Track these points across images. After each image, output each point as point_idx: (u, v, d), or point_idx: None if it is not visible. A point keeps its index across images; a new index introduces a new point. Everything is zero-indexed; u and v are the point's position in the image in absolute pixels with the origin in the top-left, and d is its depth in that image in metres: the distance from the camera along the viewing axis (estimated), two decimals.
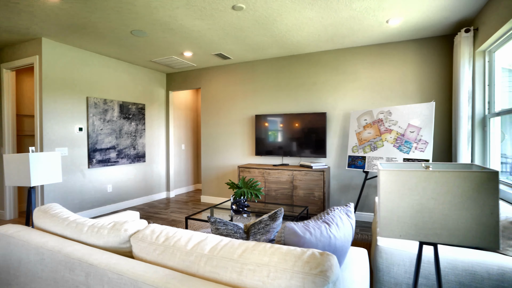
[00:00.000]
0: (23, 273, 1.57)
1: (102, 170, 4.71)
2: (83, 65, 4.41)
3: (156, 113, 5.81)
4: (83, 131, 4.41)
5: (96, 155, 4.59)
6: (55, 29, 3.57)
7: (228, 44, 4.16)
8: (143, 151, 5.45)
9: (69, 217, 1.67)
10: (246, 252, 1.12)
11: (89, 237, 1.49)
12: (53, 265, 1.42)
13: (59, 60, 4.09)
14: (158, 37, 3.86)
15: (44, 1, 2.83)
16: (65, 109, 4.17)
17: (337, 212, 1.47)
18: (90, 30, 3.60)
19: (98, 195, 4.66)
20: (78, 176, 4.35)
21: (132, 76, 5.25)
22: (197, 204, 5.37)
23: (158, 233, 1.37)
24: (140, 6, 2.96)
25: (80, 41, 4.00)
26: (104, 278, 1.21)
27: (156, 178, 5.79)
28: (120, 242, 1.42)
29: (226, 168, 5.37)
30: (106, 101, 4.74)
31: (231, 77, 5.29)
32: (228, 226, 1.50)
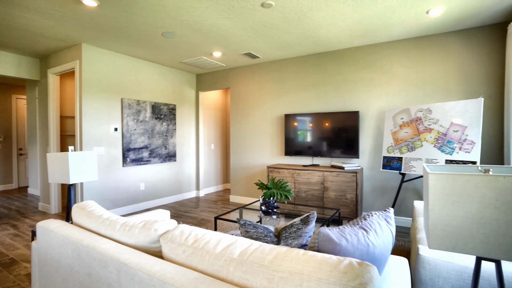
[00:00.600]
0: (62, 266, 1.63)
1: (135, 169, 4.89)
2: (118, 67, 4.60)
3: (187, 113, 5.92)
4: (118, 131, 4.61)
5: (130, 154, 4.77)
6: (93, 34, 3.75)
7: (256, 43, 4.12)
8: (174, 150, 5.58)
9: (103, 214, 1.71)
10: (277, 258, 1.06)
11: (121, 235, 1.51)
12: (88, 261, 1.45)
13: (97, 64, 4.30)
14: (188, 38, 3.92)
15: (83, 8, 2.98)
16: (102, 110, 4.37)
17: (376, 218, 1.36)
18: (124, 34, 3.73)
19: (132, 192, 4.84)
20: (114, 174, 4.55)
21: (163, 77, 5.40)
22: (226, 204, 5.39)
23: (187, 234, 1.35)
24: (170, 8, 3.00)
25: (115, 45, 4.17)
26: (135, 277, 1.21)
27: (186, 177, 5.90)
28: (150, 241, 1.42)
29: (255, 168, 5.34)
30: (139, 102, 4.91)
31: (260, 76, 5.25)
32: (258, 229, 1.45)
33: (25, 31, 3.66)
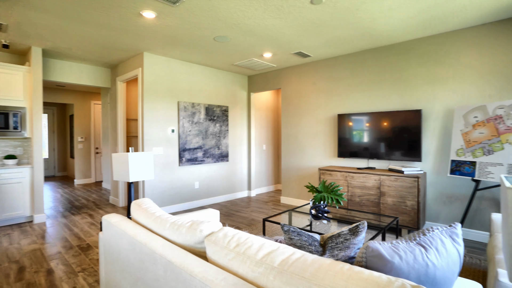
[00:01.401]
0: (121, 257, 1.78)
1: (190, 168, 5.16)
2: (174, 73, 4.91)
3: (239, 115, 6.05)
4: (174, 132, 4.92)
5: (185, 154, 5.06)
6: (152, 43, 4.06)
7: (307, 41, 4.01)
8: (227, 151, 5.75)
9: (155, 212, 1.82)
10: (319, 271, 0.99)
11: (170, 234, 1.58)
12: (141, 256, 1.56)
13: (156, 70, 4.65)
14: (239, 41, 3.99)
15: (143, 20, 3.24)
16: (160, 113, 4.72)
17: (437, 234, 1.19)
18: (179, 40, 3.96)
19: (187, 190, 5.12)
20: (171, 172, 4.87)
21: (216, 80, 5.60)
22: (277, 205, 5.37)
23: (230, 237, 1.35)
24: (221, 13, 3.08)
25: (171, 51, 4.46)
26: (179, 276, 1.25)
27: (238, 177, 6.04)
28: (196, 242, 1.46)
29: (306, 170, 5.22)
30: (194, 105, 5.17)
31: (312, 75, 5.10)
32: (302, 236, 1.39)
33: (98, 46, 4.13)
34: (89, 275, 2.60)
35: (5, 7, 2.95)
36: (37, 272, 2.68)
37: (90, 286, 2.42)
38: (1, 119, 4.14)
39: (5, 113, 4.16)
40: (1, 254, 3.09)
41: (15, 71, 4.24)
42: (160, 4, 2.87)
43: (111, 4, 2.87)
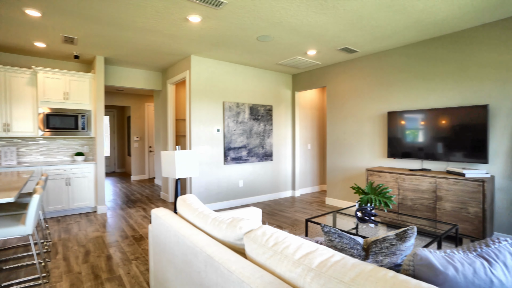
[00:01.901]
0: (167, 249, 1.89)
1: (235, 167, 5.28)
2: (219, 74, 5.06)
3: (283, 114, 6.02)
4: (220, 131, 5.07)
5: (230, 153, 5.18)
6: (199, 46, 4.23)
7: (353, 36, 3.82)
8: (271, 150, 5.76)
9: (198, 208, 1.90)
10: (360, 276, 0.93)
11: (211, 229, 1.63)
12: (184, 249, 1.63)
13: (202, 72, 4.84)
14: (282, 40, 3.96)
15: (190, 24, 3.39)
16: (207, 113, 4.90)
17: (506, 246, 1.04)
18: (223, 42, 4.06)
19: (231, 189, 5.24)
20: (216, 171, 5.03)
21: (260, 80, 5.64)
22: (321, 206, 5.23)
23: (268, 235, 1.34)
24: (264, 12, 3.09)
25: (216, 53, 4.60)
26: (218, 271, 1.28)
27: (282, 176, 6.01)
28: (236, 238, 1.48)
29: (353, 170, 4.99)
30: (238, 104, 5.27)
31: (359, 72, 4.86)
32: (343, 239, 1.32)
33: (151, 51, 4.44)
34: (141, 264, 2.81)
35: (76, 23, 3.32)
36: (99, 256, 2.98)
37: (141, 273, 2.61)
38: (72, 120, 4.68)
39: (75, 115, 4.70)
40: (73, 238, 3.50)
41: (83, 78, 4.76)
42: (205, 7, 2.98)
43: (162, 11, 3.06)
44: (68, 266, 2.76)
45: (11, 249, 3.17)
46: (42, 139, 4.86)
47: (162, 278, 1.98)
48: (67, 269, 2.70)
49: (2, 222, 2.07)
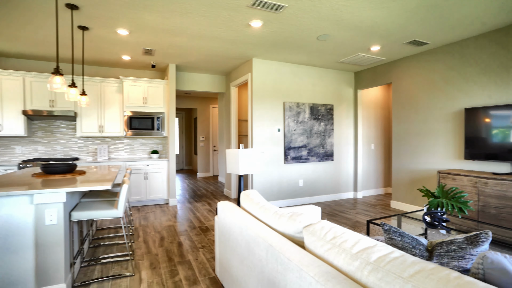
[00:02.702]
0: (231, 238, 2.06)
1: (295, 166, 5.33)
2: (280, 74, 5.17)
3: (345, 113, 5.86)
4: (280, 131, 5.18)
5: (290, 153, 5.26)
6: (261, 49, 4.41)
7: (421, 27, 3.55)
8: (331, 150, 5.67)
9: (260, 202, 2.03)
10: (420, 273, 0.93)
11: (272, 222, 1.74)
12: (247, 238, 1.77)
13: (263, 74, 5.02)
14: (343, 37, 3.89)
15: (251, 29, 3.58)
16: (268, 114, 5.06)
17: None
18: (284, 44, 4.16)
19: (291, 188, 5.31)
20: (276, 169, 5.16)
21: (320, 79, 5.59)
22: (386, 209, 4.95)
23: (327, 230, 1.39)
24: (323, 11, 3.10)
25: (277, 55, 4.72)
26: (278, 259, 1.38)
27: (343, 177, 5.86)
28: (295, 231, 1.56)
29: (421, 173, 4.61)
30: (299, 104, 5.31)
31: (429, 65, 4.46)
32: (405, 238, 1.30)
33: (216, 57, 4.79)
34: (207, 252, 3.08)
35: (155, 37, 3.80)
36: (172, 242, 3.36)
37: (207, 260, 2.87)
38: (149, 122, 5.32)
39: (151, 117, 5.33)
40: (150, 225, 4.01)
41: (158, 84, 5.37)
42: (266, 12, 3.12)
43: (227, 20, 3.30)
44: (148, 248, 3.19)
45: (105, 230, 3.78)
46: (126, 138, 5.63)
47: (227, 265, 2.16)
48: (147, 250, 3.12)
49: (100, 206, 2.52)
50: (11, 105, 4.58)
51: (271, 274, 1.45)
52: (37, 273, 2.10)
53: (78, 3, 2.88)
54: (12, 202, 2.05)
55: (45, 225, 2.12)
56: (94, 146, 5.38)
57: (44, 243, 2.12)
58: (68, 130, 5.23)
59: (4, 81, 4.54)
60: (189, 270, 2.66)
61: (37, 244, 2.10)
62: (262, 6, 2.95)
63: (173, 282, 2.43)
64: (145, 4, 2.92)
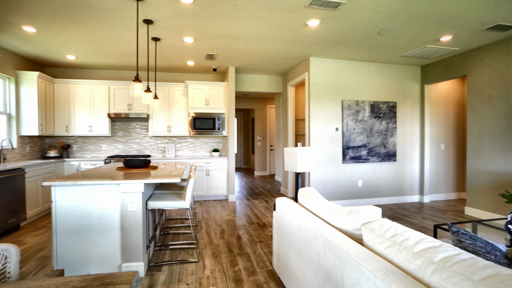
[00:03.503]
0: (289, 232, 2.13)
1: (353, 166, 5.15)
2: (338, 72, 5.05)
3: (409, 110, 5.46)
4: (338, 130, 5.06)
5: (349, 152, 5.10)
6: (318, 48, 4.38)
7: (507, 8, 3.13)
8: (394, 150, 5.33)
9: (317, 199, 2.05)
10: (493, 278, 0.88)
11: (330, 218, 1.76)
12: (305, 233, 1.82)
13: (321, 73, 4.96)
14: (407, 29, 3.64)
15: (309, 29, 3.59)
16: (325, 113, 4.99)
17: None
18: (342, 41, 4.06)
19: (349, 188, 5.15)
20: (334, 169, 5.05)
21: (382, 75, 5.29)
22: (458, 216, 4.47)
23: (387, 227, 1.37)
24: (383, 4, 2.96)
25: (335, 53, 4.63)
26: (336, 253, 1.41)
27: (408, 179, 5.46)
28: (353, 228, 1.56)
29: (504, 176, 4.05)
30: (358, 102, 5.12)
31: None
32: (477, 242, 1.21)
33: (273, 58, 4.90)
34: (264, 246, 3.20)
35: (217, 42, 4.07)
36: (231, 235, 3.57)
37: (265, 254, 2.98)
38: (211, 122, 5.68)
39: (213, 118, 5.69)
40: (211, 218, 4.30)
41: (219, 86, 5.71)
42: (323, 11, 3.11)
43: (284, 21, 3.38)
44: (210, 239, 3.44)
45: (173, 220, 4.18)
46: (190, 137, 6.10)
47: (284, 258, 2.24)
48: (209, 241, 3.37)
49: (171, 197, 2.82)
50: (99, 109, 5.36)
51: (328, 268, 1.48)
52: (122, 251, 2.46)
53: (153, 17, 3.26)
54: (105, 190, 2.44)
55: (128, 211, 2.47)
56: (163, 144, 5.97)
57: (127, 226, 2.47)
58: (142, 130, 5.89)
59: (95, 90, 5.33)
60: (247, 261, 2.80)
61: (122, 227, 2.46)
62: (319, 5, 2.95)
63: (233, 271, 2.60)
64: (209, 13, 3.16)
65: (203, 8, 3.04)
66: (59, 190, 2.39)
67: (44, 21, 3.36)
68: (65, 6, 2.99)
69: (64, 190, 2.40)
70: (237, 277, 2.49)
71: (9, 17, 3.25)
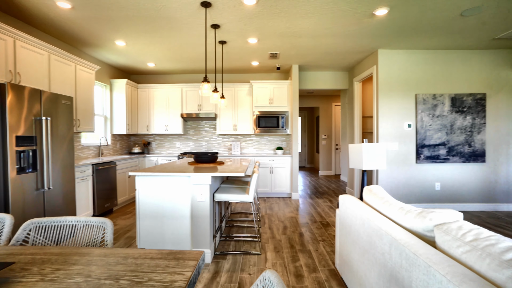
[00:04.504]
0: (352, 231, 2.05)
1: (429, 167, 4.64)
2: (411, 64, 4.60)
3: (503, 103, 4.66)
4: (411, 127, 4.62)
5: (424, 151, 4.61)
6: (386, 39, 4.06)
7: None
8: (482, 149, 4.62)
9: (384, 197, 1.93)
10: None
11: (397, 217, 1.64)
12: (369, 231, 1.73)
13: (391, 65, 4.59)
14: (500, 6, 3.12)
15: (376, 19, 3.36)
16: (396, 108, 4.61)
17: None
18: (415, 28, 3.69)
19: (425, 191, 4.65)
20: (405, 169, 4.63)
21: (465, 63, 4.63)
22: None
23: (466, 230, 1.22)
24: None
25: (407, 43, 4.23)
26: (402, 253, 1.31)
27: (502, 184, 4.67)
28: (424, 229, 1.43)
29: None
30: (435, 96, 4.59)
31: None
32: None
33: (337, 53, 4.73)
34: (327, 245, 3.12)
35: (279, 41, 4.13)
36: (293, 232, 3.57)
37: (327, 253, 2.91)
38: (275, 121, 5.77)
39: (277, 116, 5.76)
40: (274, 214, 4.38)
41: (282, 85, 5.76)
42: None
43: (349, 13, 3.24)
44: (272, 234, 3.50)
45: (237, 214, 4.39)
46: (255, 136, 6.29)
47: (347, 258, 2.16)
48: (271, 235, 3.44)
49: (235, 191, 2.97)
50: (173, 110, 5.93)
51: (394, 269, 1.38)
52: (192, 237, 2.70)
53: (220, 22, 3.47)
54: (178, 181, 2.70)
55: (197, 201, 2.69)
56: (229, 142, 6.29)
57: (196, 215, 2.69)
58: (210, 129, 6.31)
59: (170, 92, 5.93)
60: (309, 258, 2.78)
61: (192, 215, 2.70)
62: None
63: (294, 266, 2.61)
64: (271, 13, 3.23)
65: (266, 8, 3.11)
66: (142, 180, 2.74)
67: (132, 35, 3.87)
68: (147, 21, 3.40)
69: (146, 180, 2.74)
70: (298, 272, 2.49)
71: (107, 34, 3.84)
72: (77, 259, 1.06)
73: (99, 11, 3.17)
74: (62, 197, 3.22)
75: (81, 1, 2.96)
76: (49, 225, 1.39)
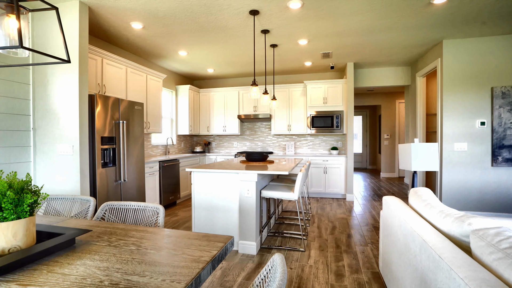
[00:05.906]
0: (393, 232, 2.00)
1: (509, 171, 4.05)
2: (485, 53, 4.08)
3: None
4: (485, 125, 4.10)
5: (503, 153, 4.04)
6: (451, 28, 3.69)
7: None
8: None
9: (427, 199, 1.84)
10: None
11: (435, 220, 1.57)
12: (405, 233, 1.69)
13: (459, 56, 4.14)
14: None
15: (435, 8, 3.11)
16: (464, 104, 4.14)
17: None
18: (488, 12, 3.29)
19: (503, 198, 4.07)
20: (477, 173, 4.12)
21: None
22: None
23: (503, 237, 1.15)
24: None
25: (476, 30, 3.77)
26: (430, 256, 1.28)
27: None
28: (461, 233, 1.36)
29: None
30: None
31: None
32: None
33: (396, 48, 4.46)
34: (375, 248, 3.02)
35: (330, 41, 4.10)
36: (342, 233, 3.54)
37: (374, 256, 2.83)
38: (329, 120, 5.70)
39: (331, 116, 5.68)
40: (325, 214, 4.36)
41: (336, 84, 5.65)
42: None
43: (400, 5, 3.07)
44: (320, 233, 3.53)
45: (288, 212, 4.50)
46: (309, 136, 6.30)
47: (388, 260, 2.10)
48: (319, 234, 3.46)
49: (282, 189, 3.10)
50: (231, 111, 6.32)
51: (423, 272, 1.35)
52: (239, 229, 2.92)
53: (269, 27, 3.64)
54: (228, 177, 2.96)
55: (244, 197, 2.90)
56: (283, 142, 6.42)
57: (243, 210, 2.91)
58: (265, 130, 6.53)
59: (228, 95, 6.33)
60: (353, 260, 2.75)
61: (240, 209, 2.92)
62: None
63: (336, 266, 2.62)
64: (316, 14, 3.26)
65: (311, 10, 3.16)
66: (197, 175, 3.07)
67: (192, 45, 4.32)
68: (203, 32, 3.76)
69: (200, 176, 3.06)
70: (339, 271, 2.50)
71: (171, 46, 4.36)
72: (134, 234, 1.34)
73: (163, 27, 3.64)
74: (135, 189, 3.79)
75: (149, 21, 3.45)
76: (118, 207, 1.74)
